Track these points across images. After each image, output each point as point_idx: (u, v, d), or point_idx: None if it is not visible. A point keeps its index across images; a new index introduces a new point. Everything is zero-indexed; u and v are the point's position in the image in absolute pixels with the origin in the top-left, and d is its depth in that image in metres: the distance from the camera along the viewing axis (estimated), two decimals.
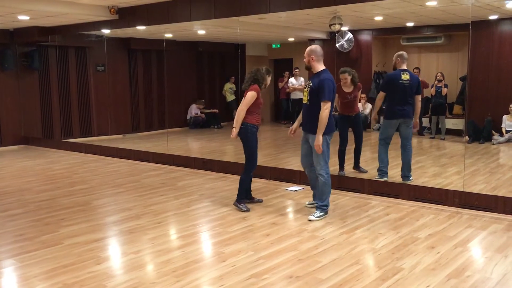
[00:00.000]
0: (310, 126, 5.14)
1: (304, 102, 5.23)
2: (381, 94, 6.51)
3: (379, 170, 6.59)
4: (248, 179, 5.57)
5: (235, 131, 5.34)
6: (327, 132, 5.06)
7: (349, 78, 6.87)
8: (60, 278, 3.71)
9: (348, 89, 6.92)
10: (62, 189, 6.81)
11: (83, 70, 11.94)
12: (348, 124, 7.05)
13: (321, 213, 5.18)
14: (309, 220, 5.08)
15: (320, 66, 5.12)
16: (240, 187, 5.53)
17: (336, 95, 6.22)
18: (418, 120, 6.58)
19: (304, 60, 5.18)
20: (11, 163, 9.05)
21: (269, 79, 5.55)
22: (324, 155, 5.10)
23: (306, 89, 5.17)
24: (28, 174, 7.98)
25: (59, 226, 5.03)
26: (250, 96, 5.31)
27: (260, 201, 5.81)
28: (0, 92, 10.77)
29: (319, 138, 4.99)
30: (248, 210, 5.46)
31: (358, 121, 7.12)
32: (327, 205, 5.27)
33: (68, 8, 7.88)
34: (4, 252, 4.31)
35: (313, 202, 5.54)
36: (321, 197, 5.24)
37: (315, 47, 5.12)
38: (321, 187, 5.21)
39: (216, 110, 14.22)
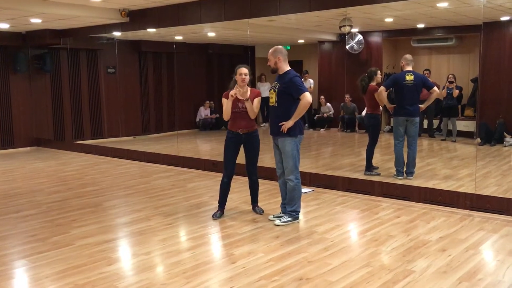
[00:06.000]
0: (279, 129, 4.91)
1: (271, 104, 4.99)
2: (381, 88, 6.83)
3: (395, 169, 6.90)
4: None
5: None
6: (296, 134, 4.93)
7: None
8: (71, 278, 3.74)
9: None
10: (73, 190, 6.86)
11: (94, 72, 12.03)
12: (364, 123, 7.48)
13: (289, 219, 5.02)
14: (275, 225, 4.98)
15: (286, 67, 4.97)
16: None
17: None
18: (424, 106, 6.86)
19: (269, 63, 4.96)
20: (23, 165, 9.14)
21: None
22: (294, 160, 4.95)
23: (272, 91, 4.99)
24: (39, 175, 8.06)
25: (71, 227, 5.07)
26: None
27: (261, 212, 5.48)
28: (12, 94, 10.90)
29: (290, 122, 4.82)
30: (213, 218, 5.29)
31: (366, 121, 7.38)
32: (296, 211, 5.07)
33: (80, 11, 7.97)
34: (16, 253, 4.35)
35: (280, 215, 5.20)
36: (289, 202, 5.06)
37: (280, 47, 4.95)
38: (290, 192, 5.02)
39: None
